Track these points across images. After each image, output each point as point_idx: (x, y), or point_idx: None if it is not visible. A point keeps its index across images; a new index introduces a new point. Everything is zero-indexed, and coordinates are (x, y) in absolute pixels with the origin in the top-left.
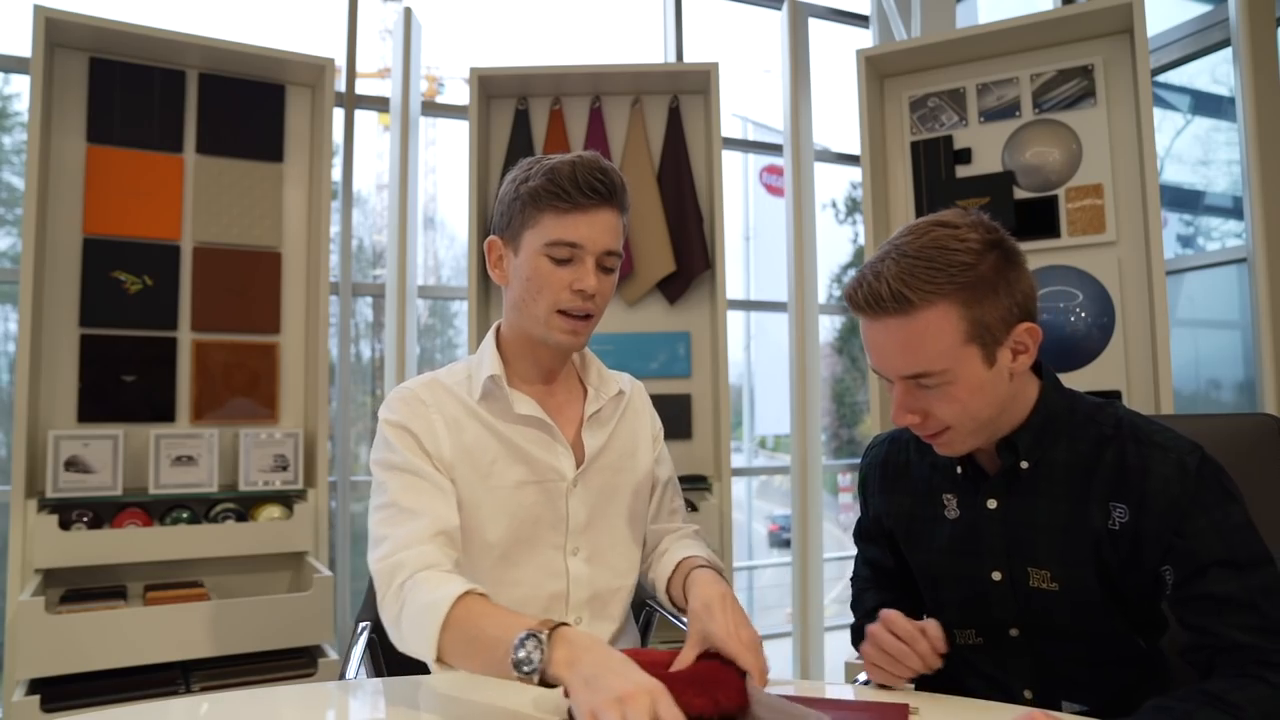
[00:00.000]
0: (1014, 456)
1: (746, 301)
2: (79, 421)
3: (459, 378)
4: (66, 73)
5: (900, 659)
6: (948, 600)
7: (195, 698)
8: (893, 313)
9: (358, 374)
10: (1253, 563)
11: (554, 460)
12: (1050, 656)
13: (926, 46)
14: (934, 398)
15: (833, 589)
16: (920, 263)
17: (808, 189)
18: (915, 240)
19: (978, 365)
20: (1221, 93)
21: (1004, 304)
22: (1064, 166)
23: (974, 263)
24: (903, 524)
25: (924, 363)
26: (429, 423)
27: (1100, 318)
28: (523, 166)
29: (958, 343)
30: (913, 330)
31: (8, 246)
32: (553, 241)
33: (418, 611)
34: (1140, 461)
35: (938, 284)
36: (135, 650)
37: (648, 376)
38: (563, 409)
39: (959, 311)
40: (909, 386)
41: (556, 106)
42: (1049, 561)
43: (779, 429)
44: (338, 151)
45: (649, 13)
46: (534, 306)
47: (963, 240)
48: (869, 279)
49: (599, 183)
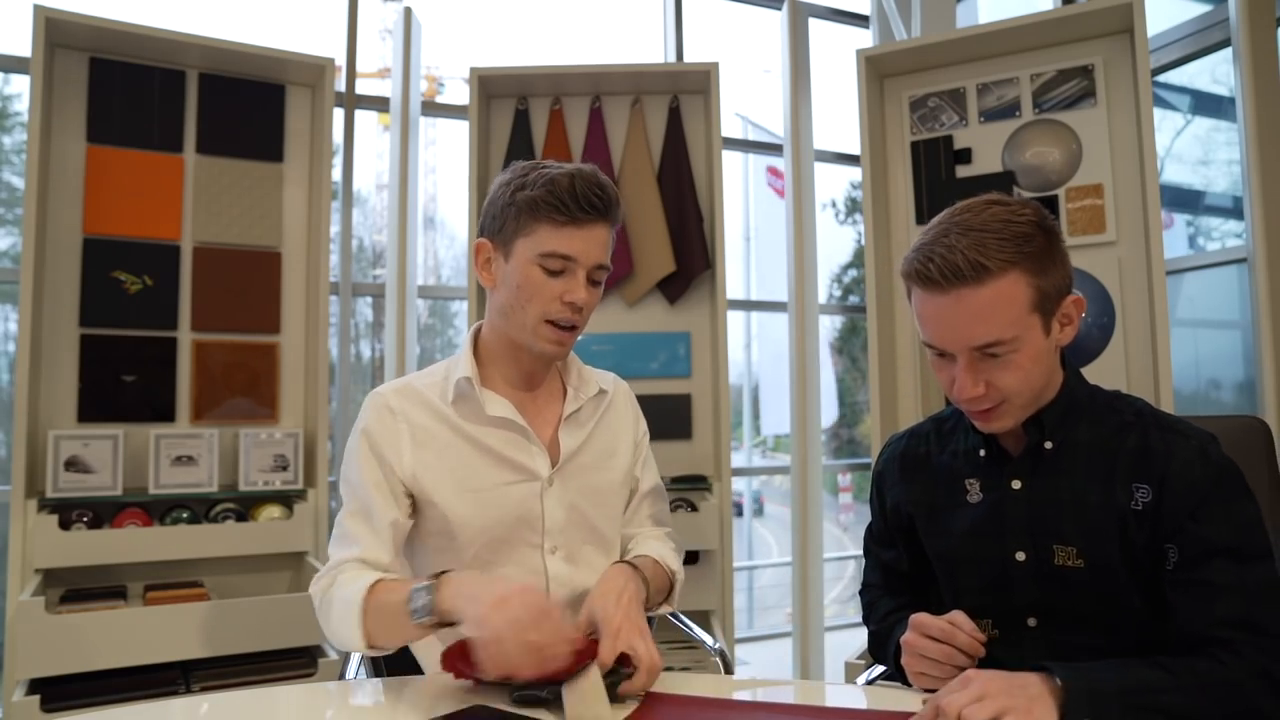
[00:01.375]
0: (1040, 434)
1: (747, 301)
2: (79, 421)
3: (436, 379)
4: (66, 73)
5: (945, 659)
6: (966, 587)
7: (195, 698)
8: (970, 282)
9: (358, 374)
10: (1255, 558)
11: (528, 460)
12: (1067, 648)
13: (926, 46)
14: (998, 368)
15: (833, 589)
16: (989, 235)
17: (808, 189)
18: (976, 216)
19: (1039, 334)
20: (1221, 93)
21: (1058, 275)
22: (1064, 166)
23: (1034, 234)
24: (923, 511)
25: (997, 330)
26: (395, 434)
27: (1100, 318)
28: (518, 171)
29: (1026, 311)
30: (988, 299)
31: (8, 246)
32: (547, 253)
33: (341, 608)
34: (1164, 446)
35: (1008, 254)
36: (135, 650)
37: (648, 377)
38: (541, 410)
39: (1028, 280)
40: (974, 359)
41: (556, 106)
42: (1075, 538)
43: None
44: (338, 151)
45: (649, 13)
46: (522, 314)
47: (1020, 215)
48: (940, 252)
49: (597, 198)
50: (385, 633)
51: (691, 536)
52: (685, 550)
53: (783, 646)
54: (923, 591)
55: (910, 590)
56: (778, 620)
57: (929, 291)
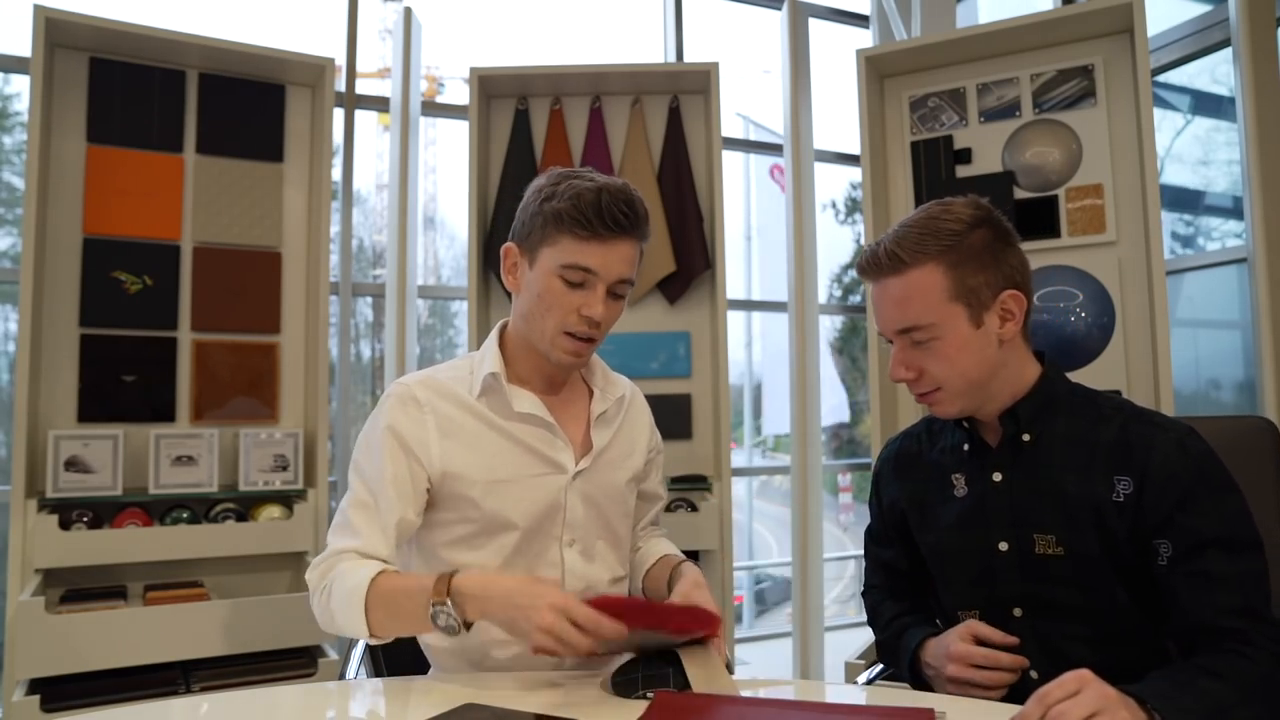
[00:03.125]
0: (1015, 427)
1: (747, 301)
2: (79, 421)
3: (460, 373)
4: (66, 73)
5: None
6: (954, 579)
7: (195, 698)
8: (888, 272)
9: (358, 374)
10: (1246, 547)
11: (554, 454)
12: (1053, 637)
13: (926, 46)
14: (927, 355)
15: (833, 589)
16: (913, 230)
17: (808, 189)
18: (914, 216)
19: (963, 324)
20: (1221, 93)
21: (990, 271)
22: (1064, 166)
23: (961, 231)
24: (915, 508)
25: (913, 316)
26: (421, 425)
27: (1100, 318)
28: (551, 179)
29: (943, 300)
30: (903, 287)
31: (8, 246)
32: (568, 265)
33: (343, 596)
34: (1143, 439)
35: (925, 246)
36: (135, 650)
37: (648, 376)
38: (565, 407)
39: (944, 271)
40: (904, 345)
41: (556, 106)
42: (1054, 526)
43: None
44: (338, 151)
45: (649, 13)
46: (541, 322)
47: (953, 214)
48: (871, 247)
49: (623, 215)
50: (391, 625)
51: (691, 536)
52: (684, 550)
53: (783, 646)
54: (922, 591)
55: (911, 591)
56: (778, 620)
57: (866, 281)
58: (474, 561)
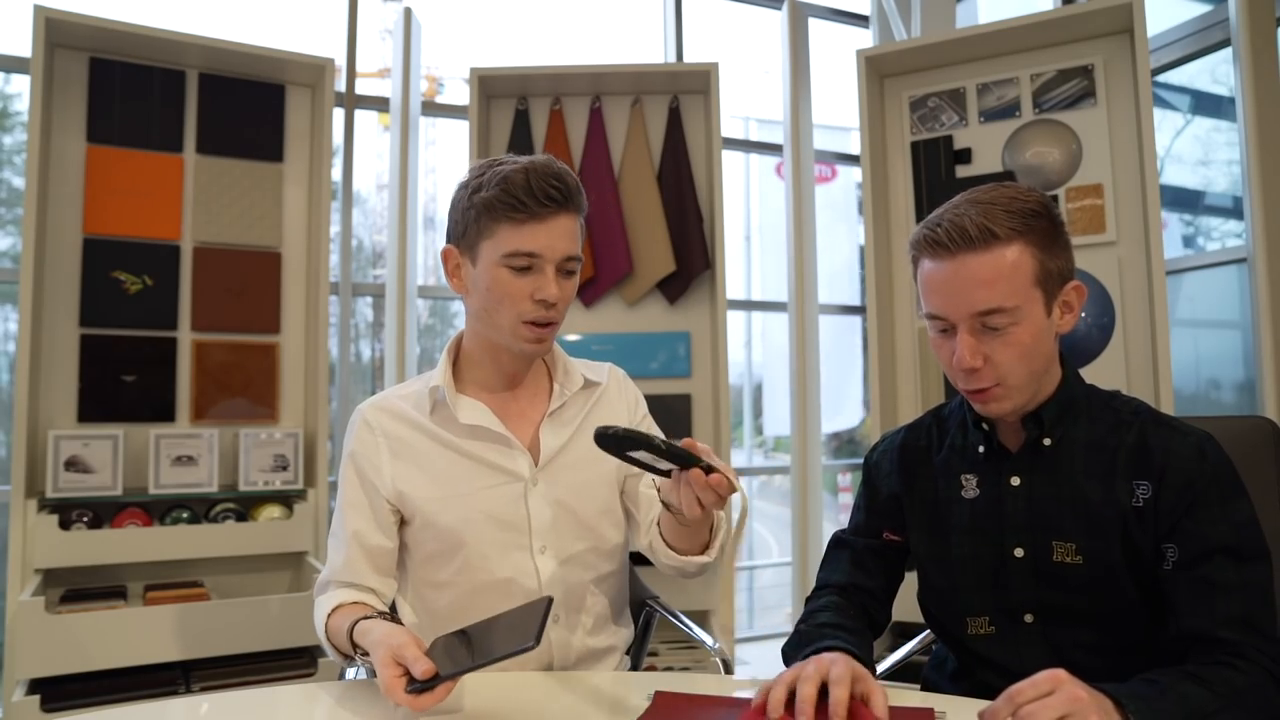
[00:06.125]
0: (1039, 430)
1: (747, 301)
2: (79, 421)
3: (414, 389)
4: (66, 73)
5: None
6: (963, 584)
7: (195, 698)
8: (978, 247)
9: (358, 374)
10: (1253, 557)
11: (508, 463)
12: (1064, 644)
13: (926, 46)
14: (998, 341)
15: None
16: (999, 208)
17: (808, 189)
18: (986, 194)
19: (1040, 310)
20: (1221, 93)
21: (1062, 258)
22: (1064, 166)
23: (1041, 213)
24: (919, 505)
25: (999, 297)
26: (374, 449)
27: (1100, 318)
28: (475, 171)
29: (1029, 282)
30: (994, 264)
31: (8, 246)
32: (511, 252)
33: (318, 629)
34: (1162, 443)
35: (1016, 225)
36: (135, 650)
37: (648, 377)
38: (525, 410)
39: (1033, 252)
40: (975, 329)
41: (556, 107)
42: (1075, 534)
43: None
44: (338, 151)
45: (649, 13)
46: (498, 316)
47: (1028, 195)
48: (949, 219)
49: (555, 189)
50: (340, 655)
51: None
52: None
53: None
54: (872, 629)
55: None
56: (778, 620)
57: (936, 258)
58: (446, 578)
